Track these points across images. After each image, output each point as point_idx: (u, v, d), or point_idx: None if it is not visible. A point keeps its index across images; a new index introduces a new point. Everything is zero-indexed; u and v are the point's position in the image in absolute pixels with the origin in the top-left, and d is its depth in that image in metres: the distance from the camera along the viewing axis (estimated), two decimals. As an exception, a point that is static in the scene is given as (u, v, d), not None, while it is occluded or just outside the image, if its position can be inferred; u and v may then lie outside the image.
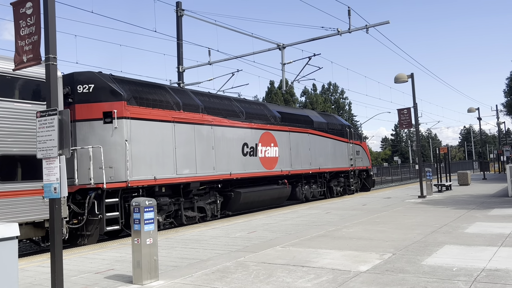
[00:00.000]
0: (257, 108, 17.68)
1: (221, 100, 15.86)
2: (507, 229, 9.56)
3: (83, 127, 11.49)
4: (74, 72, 11.91)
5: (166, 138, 12.75)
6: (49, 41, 5.41)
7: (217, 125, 14.73)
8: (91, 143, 11.27)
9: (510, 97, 40.13)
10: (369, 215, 13.27)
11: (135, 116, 11.91)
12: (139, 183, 11.79)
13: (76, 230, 11.08)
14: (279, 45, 20.34)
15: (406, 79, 18.86)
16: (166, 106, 12.97)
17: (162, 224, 12.76)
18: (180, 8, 20.72)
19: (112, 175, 11.32)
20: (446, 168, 24.72)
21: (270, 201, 17.48)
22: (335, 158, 21.83)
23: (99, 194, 11.18)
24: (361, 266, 6.70)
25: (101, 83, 11.72)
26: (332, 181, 22.02)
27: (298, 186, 19.30)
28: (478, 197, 17.99)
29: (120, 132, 11.52)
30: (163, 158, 12.59)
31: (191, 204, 13.91)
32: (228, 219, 14.23)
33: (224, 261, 7.50)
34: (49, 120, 5.35)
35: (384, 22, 18.00)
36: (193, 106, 14.01)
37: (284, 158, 17.98)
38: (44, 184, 5.32)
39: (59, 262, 5.21)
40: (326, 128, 21.48)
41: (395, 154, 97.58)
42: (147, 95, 12.54)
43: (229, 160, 15.06)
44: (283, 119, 18.45)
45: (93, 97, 11.56)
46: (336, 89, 75.71)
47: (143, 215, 6.19)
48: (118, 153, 11.46)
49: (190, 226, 12.94)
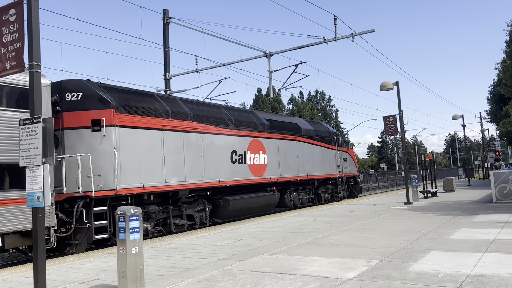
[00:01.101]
0: (246, 115, 17.72)
1: (210, 108, 15.87)
2: (492, 235, 9.67)
3: (71, 135, 11.41)
4: (62, 80, 11.84)
5: (155, 146, 12.70)
6: (33, 48, 5.36)
7: (206, 133, 14.71)
8: (79, 151, 11.19)
9: (493, 105, 40.81)
10: (356, 222, 13.31)
11: (124, 124, 11.86)
12: (127, 191, 11.71)
13: (64, 239, 10.93)
14: (266, 53, 20.42)
15: (392, 86, 19.05)
16: (155, 114, 12.94)
17: (151, 232, 12.67)
18: (167, 15, 20.71)
19: (101, 183, 11.23)
20: (432, 174, 24.96)
21: (259, 208, 17.47)
22: (323, 165, 21.92)
23: (88, 203, 11.06)
24: (348, 273, 6.70)
25: (90, 91, 11.66)
26: (320, 188, 22.10)
27: (287, 193, 19.33)
28: (463, 203, 18.18)
29: (108, 140, 11.45)
30: (152, 166, 12.53)
31: (180, 212, 13.84)
32: (216, 227, 14.14)
33: (211, 269, 7.45)
34: (33, 128, 5.29)
35: (370, 31, 18.20)
36: (182, 113, 14.00)
37: (272, 166, 18.02)
38: (27, 193, 5.24)
39: (42, 272, 5.12)
40: (314, 136, 21.60)
41: (381, 161, 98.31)
42: (136, 103, 12.50)
43: (218, 167, 15.03)
44: (272, 127, 18.52)
45: (82, 105, 11.50)
46: (323, 97, 76.17)
47: (128, 223, 6.13)
48: (107, 161, 11.38)
49: (176, 234, 12.84)
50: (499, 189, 17.65)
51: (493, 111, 40.61)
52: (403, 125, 19.98)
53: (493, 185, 17.78)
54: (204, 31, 20.38)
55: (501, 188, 17.62)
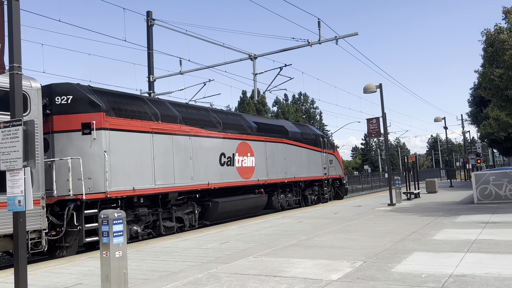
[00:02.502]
0: (234, 118, 17.85)
1: (199, 111, 15.96)
2: (473, 235, 9.82)
3: (61, 138, 11.38)
4: (52, 83, 11.76)
5: (144, 148, 12.74)
6: (13, 49, 5.27)
7: (194, 136, 14.79)
8: (69, 154, 11.16)
9: (474, 107, 41.49)
10: (340, 223, 13.39)
11: (114, 127, 11.87)
12: (118, 194, 11.73)
13: (55, 242, 10.88)
14: (251, 56, 20.46)
15: (375, 89, 19.24)
16: (145, 117, 12.98)
17: (141, 234, 12.68)
18: (151, 17, 20.60)
19: (91, 186, 11.23)
20: (415, 176, 25.25)
21: (247, 210, 17.59)
22: (309, 167, 22.13)
23: (78, 205, 11.05)
24: (333, 275, 6.73)
25: (80, 94, 11.64)
26: (307, 189, 22.29)
27: (274, 195, 19.49)
28: (445, 204, 18.43)
29: (99, 143, 11.47)
30: (142, 168, 12.56)
31: (169, 214, 13.88)
32: (200, 230, 14.09)
33: (196, 273, 7.41)
34: (13, 130, 5.20)
35: (353, 34, 18.39)
36: (171, 116, 14.04)
37: (260, 168, 18.16)
38: (8, 197, 5.15)
39: (23, 277, 5.03)
40: (300, 138, 21.79)
41: (365, 163, 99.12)
42: (125, 106, 12.53)
43: (207, 170, 15.11)
44: (259, 129, 18.66)
45: (72, 109, 11.47)
46: (306, 99, 76.57)
47: (112, 227, 6.05)
48: (97, 164, 11.39)
49: (160, 238, 12.76)
50: (480, 190, 17.94)
51: (474, 113, 41.28)
52: (386, 127, 20.20)
53: (474, 186, 18.07)
54: (188, 33, 20.34)
55: (482, 189, 17.92)
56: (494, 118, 31.04)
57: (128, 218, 12.29)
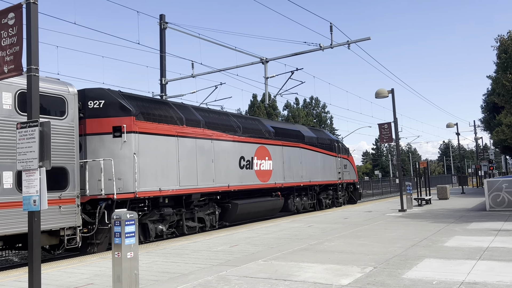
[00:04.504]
0: (253, 123, 18.39)
1: (220, 116, 16.55)
2: (485, 243, 9.72)
3: (93, 140, 12.01)
4: (85, 88, 12.35)
5: (170, 151, 13.32)
6: (31, 52, 5.37)
7: (216, 139, 15.36)
8: (101, 156, 11.75)
9: (487, 113, 41.09)
10: (350, 228, 13.34)
11: (143, 130, 12.47)
12: (146, 194, 12.30)
13: (86, 239, 11.44)
14: (262, 59, 20.50)
15: (387, 94, 19.16)
16: (171, 121, 13.55)
17: (165, 233, 13.25)
18: (164, 20, 20.76)
19: (121, 186, 11.80)
20: (426, 182, 25.04)
21: (264, 213, 18.09)
22: (324, 172, 22.58)
23: (109, 204, 11.58)
24: (343, 280, 6.72)
25: (111, 99, 12.27)
26: (321, 193, 22.72)
27: (290, 198, 19.93)
28: (457, 211, 18.26)
29: (129, 146, 12.03)
30: (168, 170, 13.12)
31: (191, 214, 14.43)
32: (210, 232, 14.15)
33: (206, 275, 7.44)
34: (30, 131, 5.29)
35: (365, 38, 18.33)
36: (195, 121, 14.62)
37: (277, 171, 18.63)
38: (23, 196, 5.23)
39: (37, 276, 5.10)
40: (316, 143, 22.25)
41: (375, 168, 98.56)
42: (153, 111, 13.11)
43: (227, 172, 15.66)
44: (277, 134, 19.13)
45: (103, 113, 12.10)
46: (318, 103, 76.40)
47: (124, 228, 6.11)
48: (127, 165, 11.96)
49: (170, 240, 12.84)
50: (492, 197, 17.75)
51: (487, 120, 40.89)
52: (397, 133, 20.08)
53: (486, 193, 17.87)
54: (200, 37, 20.45)
55: (495, 196, 17.72)
56: (507, 125, 30.72)
57: (154, 217, 12.93)
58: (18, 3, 5.55)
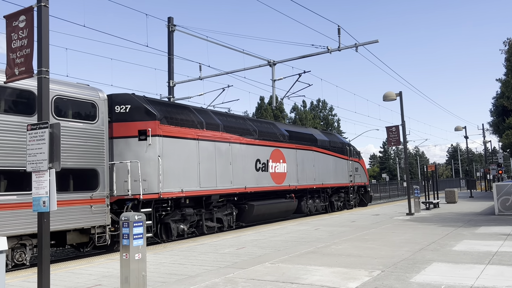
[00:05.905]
0: (268, 126, 18.82)
1: (237, 119, 17.06)
2: (494, 247, 9.64)
3: (119, 143, 12.49)
4: (112, 94, 12.76)
5: (191, 154, 13.82)
6: (42, 54, 5.42)
7: (234, 143, 15.84)
8: (127, 158, 12.27)
9: (496, 116, 40.76)
10: (358, 232, 13.29)
11: (167, 134, 12.97)
12: (169, 194, 12.78)
13: (113, 237, 11.77)
14: (270, 62, 20.51)
15: (395, 97, 19.09)
16: (192, 125, 14.06)
17: (186, 233, 13.70)
18: (172, 23, 20.85)
19: (146, 187, 12.27)
20: (434, 185, 24.89)
21: (279, 214, 18.50)
22: (336, 174, 22.98)
23: (135, 204, 12.06)
24: (350, 283, 6.69)
25: (137, 104, 12.76)
26: (333, 196, 23.09)
27: (303, 200, 20.31)
28: (465, 215, 18.12)
29: (153, 149, 12.55)
30: (189, 172, 13.62)
31: (210, 215, 14.89)
32: (217, 234, 14.17)
33: (213, 277, 7.45)
34: (40, 133, 5.33)
35: (373, 41, 18.29)
36: (214, 125, 15.10)
37: (291, 174, 19.02)
38: (33, 197, 5.27)
39: (46, 277, 5.14)
40: (328, 146, 22.67)
41: (383, 171, 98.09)
42: (176, 115, 13.61)
43: (244, 174, 16.12)
44: (291, 137, 19.54)
45: (129, 117, 12.59)
46: (325, 106, 76.17)
47: (132, 229, 6.15)
48: (152, 167, 12.47)
49: (177, 241, 12.90)
50: (501, 201, 17.60)
51: (496, 123, 40.53)
52: (405, 136, 20.00)
53: (495, 197, 17.73)
54: (208, 39, 20.50)
55: (504, 200, 17.58)
56: (517, 128, 30.44)
57: (176, 217, 13.37)
58: (29, 6, 5.61)
